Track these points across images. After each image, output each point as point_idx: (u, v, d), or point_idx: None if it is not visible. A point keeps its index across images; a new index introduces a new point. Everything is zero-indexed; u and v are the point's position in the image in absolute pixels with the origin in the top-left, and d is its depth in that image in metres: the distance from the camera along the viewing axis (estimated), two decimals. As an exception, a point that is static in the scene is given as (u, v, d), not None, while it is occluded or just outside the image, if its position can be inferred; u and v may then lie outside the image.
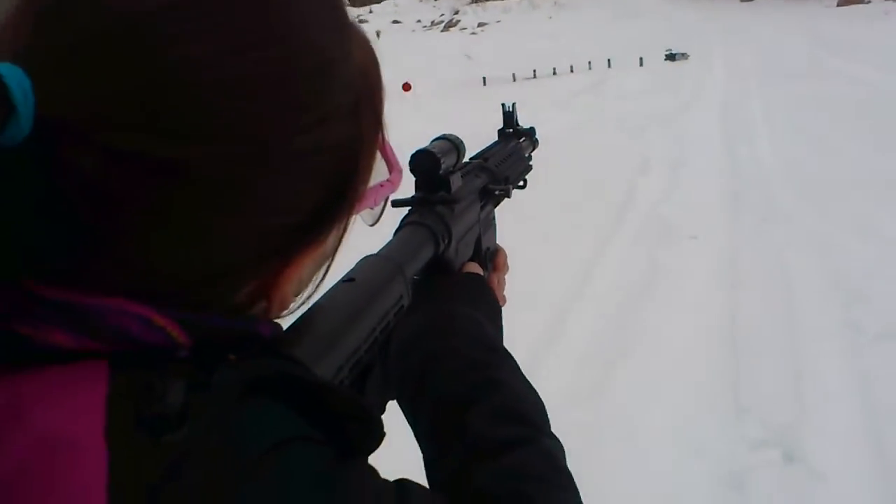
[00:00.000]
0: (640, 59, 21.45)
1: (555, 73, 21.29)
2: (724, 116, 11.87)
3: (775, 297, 4.74)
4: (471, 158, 1.12)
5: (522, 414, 0.73)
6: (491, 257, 1.07)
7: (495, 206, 1.13)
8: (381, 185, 0.68)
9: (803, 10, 35.63)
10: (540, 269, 5.37)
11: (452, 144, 0.92)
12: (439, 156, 0.87)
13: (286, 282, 0.56)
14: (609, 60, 21.80)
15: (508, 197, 1.15)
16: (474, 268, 0.96)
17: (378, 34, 49.08)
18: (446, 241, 0.87)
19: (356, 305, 0.66)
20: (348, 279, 0.69)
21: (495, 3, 58.49)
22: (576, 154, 9.51)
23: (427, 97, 17.74)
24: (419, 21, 55.46)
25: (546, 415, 0.76)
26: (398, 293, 0.73)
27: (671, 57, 21.48)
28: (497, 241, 1.13)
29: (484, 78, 20.80)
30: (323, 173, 0.53)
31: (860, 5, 34.53)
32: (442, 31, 49.78)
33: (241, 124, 0.47)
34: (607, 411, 3.61)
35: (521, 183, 1.34)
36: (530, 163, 1.40)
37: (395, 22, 55.71)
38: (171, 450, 0.42)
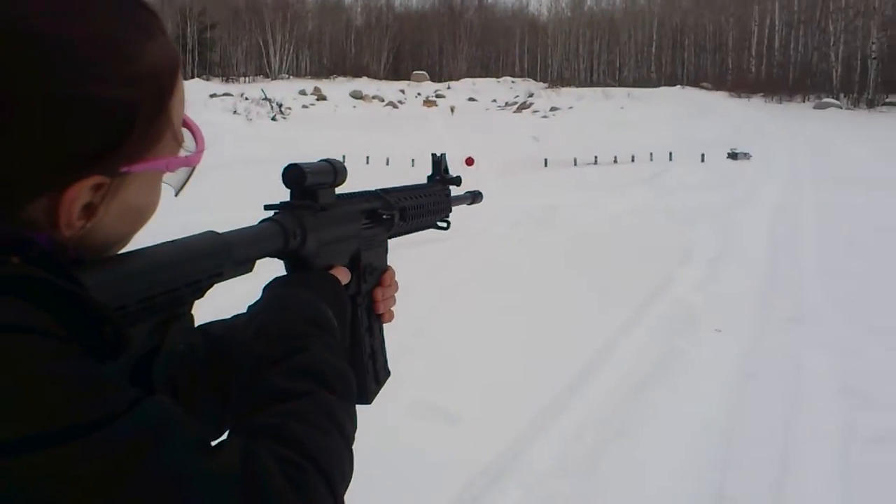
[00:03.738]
0: (702, 154, 21.59)
1: (616, 162, 21.53)
2: (774, 218, 11.90)
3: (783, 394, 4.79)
4: (381, 190, 1.31)
5: (316, 373, 0.84)
6: (373, 271, 1.23)
7: (388, 231, 1.29)
8: (185, 157, 0.81)
9: (876, 122, 35.51)
10: (563, 342, 5.53)
11: (330, 166, 1.08)
12: (306, 170, 1.03)
13: (65, 208, 0.68)
14: (671, 153, 21.99)
15: (404, 222, 1.33)
16: (339, 271, 1.09)
17: (452, 109, 50.23)
18: (298, 237, 1.01)
19: (161, 259, 0.77)
20: (171, 240, 0.82)
21: (570, 89, 59.32)
22: (623, 240, 9.71)
23: (487, 173, 18.05)
24: (494, 101, 56.45)
25: (346, 381, 0.88)
26: (216, 264, 0.84)
27: (733, 156, 21.61)
28: (388, 262, 1.30)
29: (546, 160, 21.13)
30: (91, 123, 0.67)
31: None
32: (514, 111, 50.54)
33: (23, 67, 0.64)
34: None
35: (444, 224, 1.51)
36: (449, 205, 1.53)
37: (471, 100, 56.81)
38: None
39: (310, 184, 1.04)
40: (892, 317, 6.46)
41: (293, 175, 1.03)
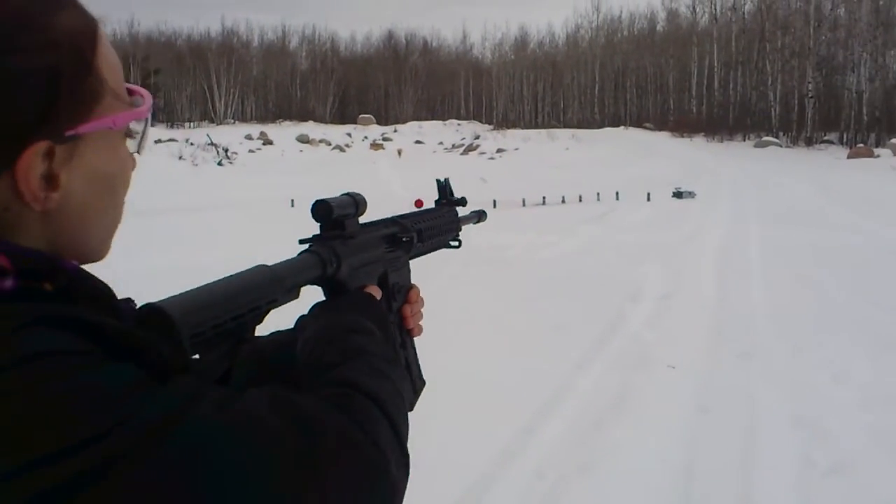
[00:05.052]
0: (648, 194, 21.98)
1: (563, 202, 21.78)
2: (721, 256, 12.10)
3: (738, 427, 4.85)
4: (396, 216, 1.41)
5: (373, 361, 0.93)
6: (400, 290, 1.32)
7: (407, 253, 1.37)
8: (132, 111, 0.82)
9: (815, 160, 36.51)
10: (520, 381, 5.54)
11: (352, 198, 1.18)
12: (332, 204, 1.13)
13: (21, 178, 0.69)
14: (617, 193, 22.36)
15: (421, 244, 1.41)
16: (372, 290, 1.18)
17: (400, 152, 50.45)
18: (334, 265, 1.11)
19: (226, 290, 0.89)
20: (232, 274, 0.93)
21: (516, 131, 60.00)
22: (574, 278, 9.80)
23: (436, 215, 18.06)
24: (441, 143, 56.78)
25: (401, 367, 1.01)
26: (271, 292, 0.96)
27: (678, 195, 22.01)
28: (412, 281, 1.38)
29: (494, 201, 21.27)
30: (16, 93, 0.68)
31: (869, 159, 35.25)
32: (461, 154, 50.87)
33: None
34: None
35: (455, 243, 1.59)
36: (459, 225, 1.60)
37: (418, 142, 57.08)
38: None
39: (336, 216, 1.14)
40: (837, 348, 6.61)
41: (322, 209, 1.13)
